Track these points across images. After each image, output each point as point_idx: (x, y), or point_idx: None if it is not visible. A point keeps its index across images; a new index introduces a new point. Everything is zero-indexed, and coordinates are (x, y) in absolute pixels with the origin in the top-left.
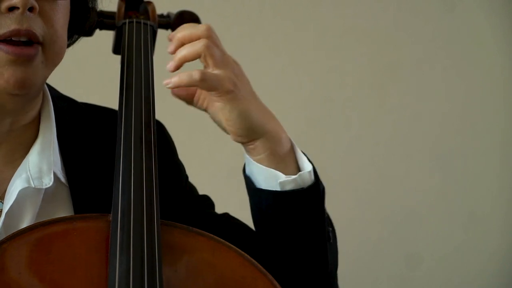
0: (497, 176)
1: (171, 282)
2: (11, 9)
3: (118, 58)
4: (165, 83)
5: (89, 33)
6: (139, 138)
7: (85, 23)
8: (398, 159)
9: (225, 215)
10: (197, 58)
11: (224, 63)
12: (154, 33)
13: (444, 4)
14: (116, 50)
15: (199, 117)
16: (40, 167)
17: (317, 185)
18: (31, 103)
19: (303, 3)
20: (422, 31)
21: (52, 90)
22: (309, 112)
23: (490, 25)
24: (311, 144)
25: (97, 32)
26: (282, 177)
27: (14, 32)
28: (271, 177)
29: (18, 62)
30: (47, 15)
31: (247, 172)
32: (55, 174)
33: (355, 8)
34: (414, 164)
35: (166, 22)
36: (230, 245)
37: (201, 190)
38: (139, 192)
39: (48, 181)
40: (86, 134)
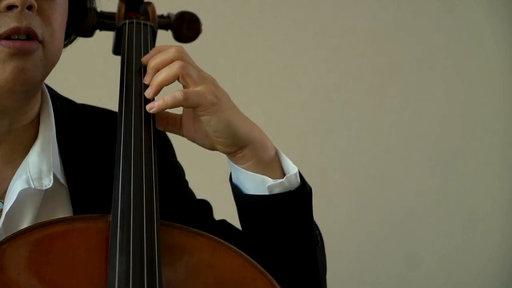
0: (497, 176)
1: (171, 282)
2: (10, 7)
3: (118, 58)
4: (148, 108)
5: (89, 34)
6: (139, 138)
7: (83, 23)
8: (398, 159)
9: (223, 221)
10: (175, 80)
11: (202, 79)
12: (154, 33)
13: (444, 4)
14: (116, 50)
15: None
16: (40, 168)
17: (303, 187)
18: (30, 102)
19: (303, 3)
20: (422, 31)
21: (51, 91)
22: (309, 112)
23: (490, 25)
24: (311, 144)
25: (97, 33)
26: (270, 181)
27: (14, 30)
28: (259, 182)
29: (19, 55)
30: (45, 14)
31: (233, 180)
32: (54, 175)
33: (355, 8)
34: (414, 164)
35: (166, 22)
36: (230, 245)
37: (198, 194)
38: (139, 192)
39: (48, 182)
40: (85, 135)
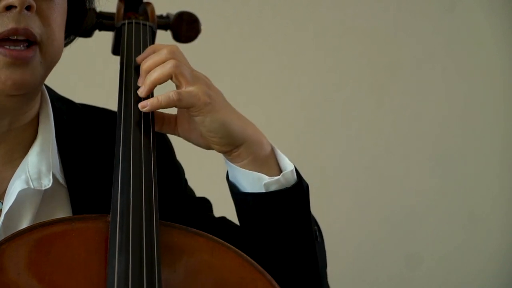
0: (497, 176)
1: (170, 282)
2: (9, 8)
3: (117, 59)
4: (141, 107)
5: (88, 34)
6: (138, 138)
7: (82, 23)
8: (398, 159)
9: (223, 218)
10: (168, 79)
11: (195, 78)
12: (153, 34)
13: (444, 4)
14: (116, 51)
15: None
16: (39, 168)
17: (300, 183)
18: (30, 103)
19: (303, 3)
20: (422, 31)
21: (51, 91)
22: (309, 112)
23: (490, 25)
24: (310, 144)
25: (97, 33)
26: (266, 178)
27: (12, 31)
28: (255, 180)
29: (16, 64)
30: (44, 14)
31: (230, 179)
32: (53, 175)
33: (355, 8)
34: (414, 164)
35: (165, 23)
36: (229, 245)
37: (198, 192)
38: (138, 192)
39: (47, 182)
40: (84, 135)
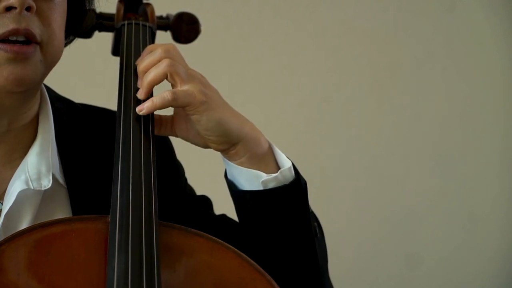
0: (497, 176)
1: (170, 283)
2: (9, 9)
3: (117, 59)
4: (138, 110)
5: (88, 35)
6: (138, 139)
7: (82, 24)
8: (398, 159)
9: (223, 216)
10: (164, 78)
11: (190, 77)
12: (153, 34)
13: (444, 4)
14: (115, 51)
15: None
16: (38, 168)
17: (298, 180)
18: (29, 102)
19: (303, 3)
20: (422, 31)
21: (50, 91)
22: (309, 112)
23: (490, 25)
24: (310, 144)
25: (96, 33)
26: (264, 176)
27: (12, 32)
28: (253, 177)
29: (17, 60)
30: (44, 15)
31: (229, 177)
32: (53, 176)
33: (355, 8)
34: (414, 164)
35: (165, 23)
36: (229, 245)
37: (198, 190)
38: (138, 192)
39: (47, 183)
40: (84, 135)
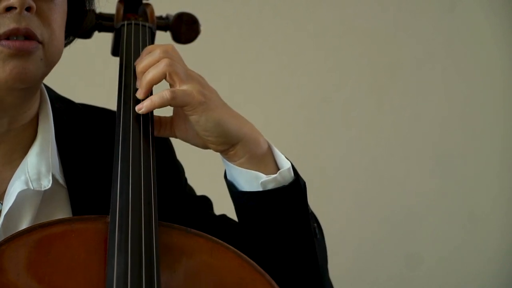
0: (497, 176)
1: (169, 283)
2: (9, 9)
3: (117, 59)
4: (137, 109)
5: (87, 35)
6: (137, 139)
7: (82, 24)
8: (398, 159)
9: (223, 216)
10: (163, 78)
11: (189, 77)
12: (153, 35)
13: (444, 4)
14: (115, 52)
15: None
16: (38, 169)
17: (297, 181)
18: (30, 101)
19: (303, 3)
20: (422, 31)
21: (50, 91)
22: (309, 112)
23: (490, 25)
24: (310, 145)
25: (96, 34)
26: (263, 177)
27: (13, 32)
28: (252, 178)
29: (19, 55)
30: (44, 15)
31: (228, 178)
32: (53, 176)
33: (355, 8)
34: (414, 164)
35: (165, 24)
36: (228, 246)
37: (198, 190)
38: (137, 193)
39: (47, 183)
40: (84, 135)
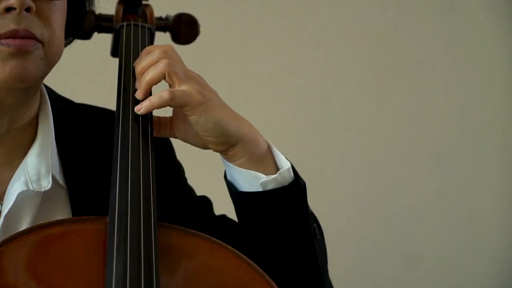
0: (497, 176)
1: (168, 283)
2: (8, 9)
3: (116, 60)
4: (136, 110)
5: (87, 36)
6: (136, 140)
7: (81, 24)
8: (398, 160)
9: (223, 216)
10: (162, 78)
11: (188, 77)
12: (152, 35)
13: (444, 4)
14: (115, 53)
15: None
16: (38, 169)
17: (297, 181)
18: (30, 101)
19: (303, 3)
20: (422, 31)
21: (50, 91)
22: (308, 113)
23: (490, 25)
24: (310, 145)
25: (96, 35)
26: (263, 177)
27: (13, 32)
28: (252, 179)
29: (19, 54)
30: (44, 15)
31: (228, 178)
32: (53, 176)
33: (354, 8)
34: (414, 164)
35: (164, 24)
36: (228, 246)
37: (198, 190)
38: (136, 193)
39: (47, 184)
40: (84, 135)
